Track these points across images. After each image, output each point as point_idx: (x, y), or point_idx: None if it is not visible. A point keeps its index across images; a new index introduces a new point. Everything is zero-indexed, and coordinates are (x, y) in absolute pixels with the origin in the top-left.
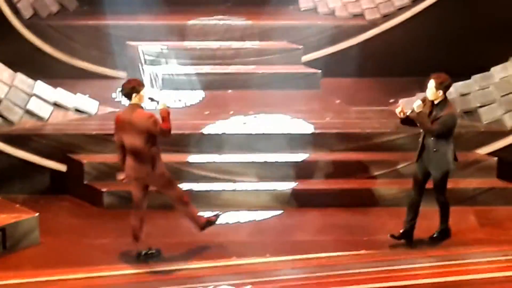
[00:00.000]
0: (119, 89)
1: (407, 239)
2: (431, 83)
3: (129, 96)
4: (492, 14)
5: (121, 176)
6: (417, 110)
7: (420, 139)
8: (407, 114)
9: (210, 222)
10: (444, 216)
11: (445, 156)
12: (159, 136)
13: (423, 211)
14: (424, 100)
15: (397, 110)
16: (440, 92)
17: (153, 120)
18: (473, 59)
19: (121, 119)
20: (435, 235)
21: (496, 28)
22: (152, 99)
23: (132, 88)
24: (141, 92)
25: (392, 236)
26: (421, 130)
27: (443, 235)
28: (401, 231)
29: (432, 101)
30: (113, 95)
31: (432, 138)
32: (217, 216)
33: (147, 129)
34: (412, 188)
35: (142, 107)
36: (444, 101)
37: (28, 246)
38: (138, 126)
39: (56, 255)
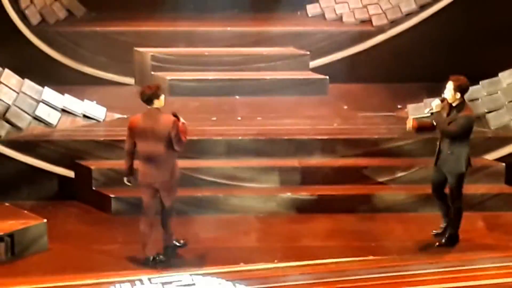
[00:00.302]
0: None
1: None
2: (450, 85)
3: (150, 102)
4: (500, 19)
5: (132, 181)
6: (435, 109)
7: (438, 142)
8: (421, 123)
9: (172, 246)
10: (456, 221)
11: (459, 159)
12: (174, 143)
13: (429, 216)
14: (442, 101)
15: (408, 125)
16: (458, 95)
17: (177, 125)
18: (480, 64)
19: (141, 125)
20: (443, 241)
21: (504, 33)
22: (175, 116)
23: (153, 93)
24: (161, 97)
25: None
26: (438, 134)
27: (452, 240)
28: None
29: (450, 103)
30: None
31: (447, 141)
32: (179, 244)
33: (170, 134)
34: (432, 194)
35: (162, 112)
36: (462, 103)
37: (37, 252)
38: (162, 131)
39: (64, 261)
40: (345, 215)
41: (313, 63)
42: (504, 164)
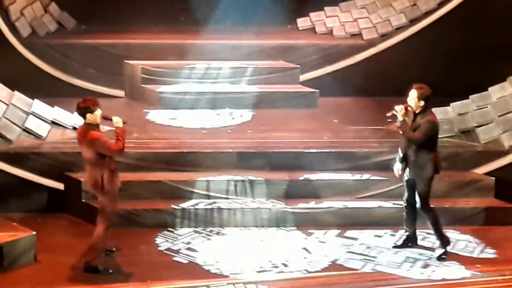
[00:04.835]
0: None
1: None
2: (413, 93)
3: (83, 116)
4: (490, 33)
5: None
6: (400, 117)
7: (401, 150)
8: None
9: (96, 268)
10: (437, 231)
11: (425, 165)
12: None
13: (420, 229)
14: (406, 108)
15: (397, 108)
16: (422, 102)
17: (99, 142)
18: (471, 78)
19: (77, 136)
20: (437, 256)
21: (494, 47)
22: (105, 118)
23: (86, 108)
24: (96, 112)
25: (395, 246)
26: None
27: (441, 256)
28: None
29: (414, 111)
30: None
31: (413, 147)
32: (103, 270)
33: (94, 150)
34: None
35: (95, 127)
36: (425, 109)
37: (26, 264)
38: (86, 147)
39: (53, 273)
40: (335, 228)
41: (303, 77)
42: (494, 178)
